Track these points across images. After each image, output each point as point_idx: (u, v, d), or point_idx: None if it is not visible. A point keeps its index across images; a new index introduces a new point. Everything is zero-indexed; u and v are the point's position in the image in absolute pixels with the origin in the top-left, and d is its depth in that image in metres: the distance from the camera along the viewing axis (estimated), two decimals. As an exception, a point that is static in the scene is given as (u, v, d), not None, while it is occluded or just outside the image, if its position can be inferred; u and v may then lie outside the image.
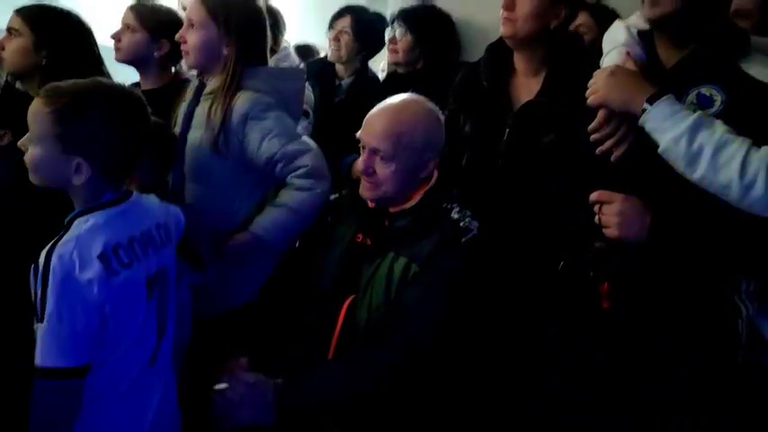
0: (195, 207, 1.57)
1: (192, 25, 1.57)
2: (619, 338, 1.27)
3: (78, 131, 1.05)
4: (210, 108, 1.56)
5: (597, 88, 1.21)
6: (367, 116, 1.46)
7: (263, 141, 1.56)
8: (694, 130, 1.08)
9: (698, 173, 1.09)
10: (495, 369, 1.53)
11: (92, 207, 1.09)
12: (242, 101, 1.56)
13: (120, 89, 1.15)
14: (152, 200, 1.27)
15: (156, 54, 1.87)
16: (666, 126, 1.11)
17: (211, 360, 1.38)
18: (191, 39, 1.58)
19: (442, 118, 1.50)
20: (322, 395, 1.31)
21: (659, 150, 1.12)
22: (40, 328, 1.01)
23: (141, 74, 1.95)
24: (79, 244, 1.03)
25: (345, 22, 2.35)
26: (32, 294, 1.02)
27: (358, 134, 1.46)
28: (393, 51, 2.21)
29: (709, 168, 1.07)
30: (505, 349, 1.55)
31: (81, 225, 1.06)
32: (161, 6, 2.02)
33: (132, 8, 1.93)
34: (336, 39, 2.36)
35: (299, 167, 1.57)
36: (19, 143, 1.10)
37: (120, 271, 1.07)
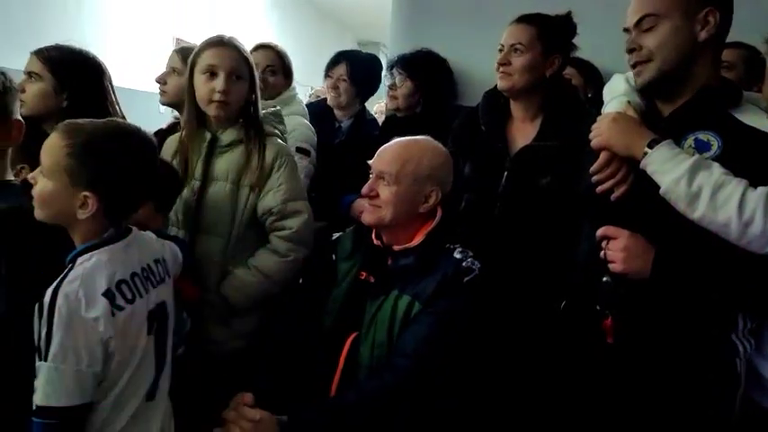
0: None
1: (238, 77, 1.60)
2: (621, 373, 1.29)
3: (89, 166, 1.07)
4: (249, 157, 1.61)
5: (600, 132, 1.27)
6: (381, 147, 1.52)
7: (270, 191, 1.61)
8: (693, 172, 1.13)
9: (698, 212, 1.13)
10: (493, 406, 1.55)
11: (94, 245, 1.10)
12: (269, 150, 1.62)
13: (133, 130, 1.16)
14: (150, 236, 1.28)
15: None
16: (667, 168, 1.16)
17: (215, 396, 1.36)
18: (237, 89, 1.60)
19: (451, 161, 1.55)
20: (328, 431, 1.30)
21: (661, 192, 1.17)
22: (43, 368, 1.00)
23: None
24: (84, 282, 1.04)
25: (342, 70, 2.40)
26: (36, 334, 1.01)
27: (370, 162, 1.51)
28: (392, 98, 2.25)
29: (709, 208, 1.12)
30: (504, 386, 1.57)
31: (84, 263, 1.07)
32: None
33: (179, 52, 1.99)
34: (335, 87, 2.41)
35: (285, 228, 1.61)
36: (29, 176, 1.12)
37: (124, 307, 1.08)
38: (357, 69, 2.42)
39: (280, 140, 1.69)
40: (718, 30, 1.22)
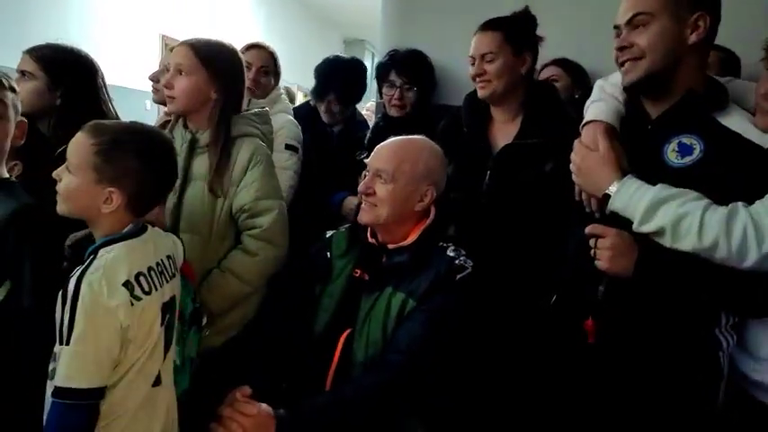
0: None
1: (180, 71, 1.60)
2: (609, 369, 1.34)
3: (115, 163, 1.14)
4: (220, 160, 1.62)
5: (575, 164, 1.37)
6: (377, 146, 1.55)
7: (243, 189, 1.63)
8: (650, 213, 1.20)
9: (667, 244, 1.20)
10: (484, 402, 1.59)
11: (115, 238, 1.16)
12: (245, 150, 1.64)
13: (154, 131, 1.26)
14: (161, 233, 1.32)
15: None
16: (629, 212, 1.23)
17: (212, 390, 1.38)
18: (179, 84, 1.61)
19: (446, 160, 1.59)
20: (324, 425, 1.33)
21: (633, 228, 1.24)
22: (65, 351, 1.05)
23: None
24: (106, 272, 1.09)
25: (332, 97, 2.43)
26: (58, 319, 1.06)
27: (367, 160, 1.54)
28: (399, 107, 2.19)
29: (673, 241, 1.18)
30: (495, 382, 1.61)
31: (106, 254, 1.12)
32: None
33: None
34: (329, 110, 2.44)
35: (255, 227, 1.63)
36: (54, 173, 1.17)
37: (141, 297, 1.13)
38: (346, 93, 2.45)
39: (259, 140, 1.69)
40: (707, 34, 1.26)
